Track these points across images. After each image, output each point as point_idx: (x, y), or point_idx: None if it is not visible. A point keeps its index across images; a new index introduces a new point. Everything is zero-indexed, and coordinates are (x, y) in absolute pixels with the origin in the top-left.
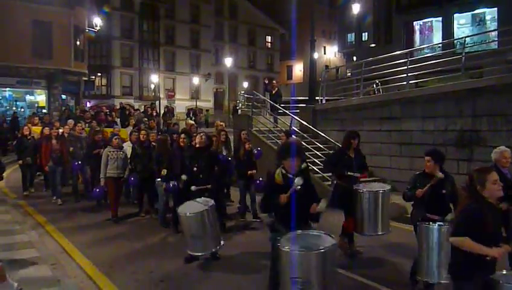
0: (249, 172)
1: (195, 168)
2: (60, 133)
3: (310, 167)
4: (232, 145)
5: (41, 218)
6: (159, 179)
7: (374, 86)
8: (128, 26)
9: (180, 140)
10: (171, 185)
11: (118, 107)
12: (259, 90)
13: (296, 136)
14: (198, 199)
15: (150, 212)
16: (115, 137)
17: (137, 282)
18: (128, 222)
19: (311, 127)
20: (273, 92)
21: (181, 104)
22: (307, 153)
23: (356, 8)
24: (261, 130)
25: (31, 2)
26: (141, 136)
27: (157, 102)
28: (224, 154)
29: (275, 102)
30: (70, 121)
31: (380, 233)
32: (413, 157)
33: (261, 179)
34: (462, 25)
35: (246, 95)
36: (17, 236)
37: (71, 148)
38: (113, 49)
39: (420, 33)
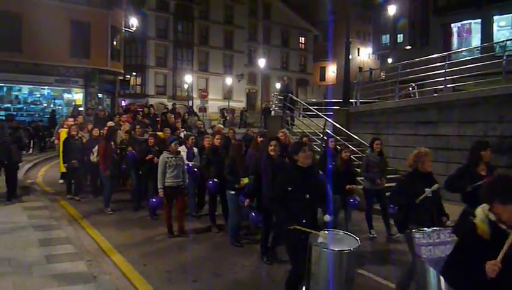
0: (348, 186)
1: (307, 196)
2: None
3: None
4: None
5: (77, 214)
6: (232, 192)
7: (410, 89)
8: (163, 27)
9: (271, 148)
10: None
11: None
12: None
13: (330, 138)
14: (340, 233)
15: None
16: (175, 142)
17: (171, 281)
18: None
19: (344, 129)
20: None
21: (214, 104)
22: None
23: (392, 10)
24: (294, 132)
25: (70, 3)
26: (216, 140)
27: (190, 101)
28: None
29: (285, 98)
30: (110, 123)
31: None
32: (449, 163)
33: (357, 197)
34: (502, 27)
35: (278, 96)
36: (54, 231)
37: (129, 148)
38: (148, 49)
39: (458, 36)
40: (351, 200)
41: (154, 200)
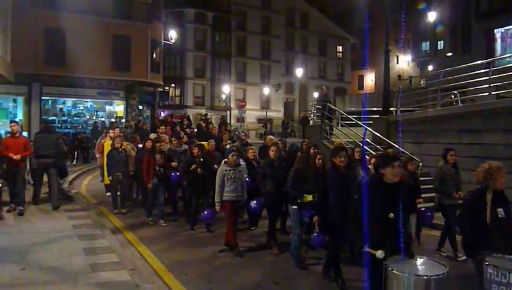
0: (417, 200)
1: (391, 215)
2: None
3: None
4: None
5: (120, 224)
6: (295, 207)
7: (452, 96)
8: (201, 38)
9: (339, 160)
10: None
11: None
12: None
13: (369, 148)
14: (421, 258)
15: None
16: (232, 153)
17: None
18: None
19: (385, 139)
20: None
21: (251, 114)
22: None
23: (432, 16)
24: (333, 142)
25: (111, 18)
26: (272, 152)
27: (227, 112)
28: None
29: (324, 107)
30: (153, 135)
31: None
32: None
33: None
34: None
35: (317, 106)
36: (98, 241)
37: (174, 163)
38: (187, 60)
39: (502, 41)
40: (426, 213)
41: (205, 212)
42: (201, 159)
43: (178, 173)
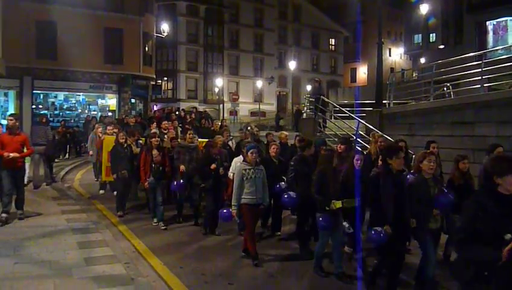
0: None
1: (508, 236)
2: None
3: None
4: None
5: (113, 217)
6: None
7: (445, 89)
8: (194, 32)
9: (397, 162)
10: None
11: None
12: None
13: (362, 140)
14: None
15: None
16: (252, 150)
17: (206, 283)
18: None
19: (378, 131)
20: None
21: (244, 107)
22: None
23: (424, 9)
24: (327, 135)
25: (103, 11)
26: (308, 152)
27: (220, 105)
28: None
29: (317, 100)
30: (154, 131)
31: None
32: None
33: None
34: None
35: (310, 99)
36: (92, 235)
37: (182, 167)
38: (179, 54)
39: (493, 33)
40: None
41: (224, 211)
42: (219, 157)
43: (181, 181)
